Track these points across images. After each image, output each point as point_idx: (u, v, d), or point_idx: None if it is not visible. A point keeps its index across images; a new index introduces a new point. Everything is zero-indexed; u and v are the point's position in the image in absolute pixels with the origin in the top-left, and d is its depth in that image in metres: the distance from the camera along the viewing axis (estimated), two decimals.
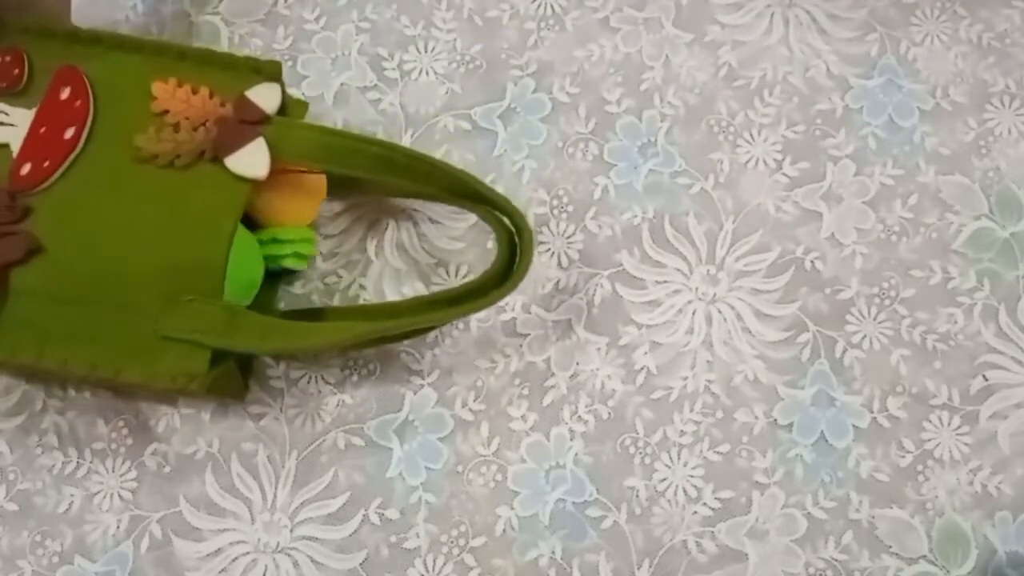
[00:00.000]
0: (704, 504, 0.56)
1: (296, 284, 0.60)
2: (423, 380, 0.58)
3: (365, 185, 0.60)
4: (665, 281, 0.60)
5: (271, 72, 0.55)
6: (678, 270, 0.60)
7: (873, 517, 0.56)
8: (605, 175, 0.63)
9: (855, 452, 0.57)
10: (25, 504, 0.56)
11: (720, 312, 0.59)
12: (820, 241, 0.61)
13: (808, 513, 0.56)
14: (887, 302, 0.60)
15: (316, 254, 0.61)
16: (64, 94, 0.53)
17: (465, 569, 0.55)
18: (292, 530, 0.56)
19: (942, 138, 0.63)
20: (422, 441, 0.57)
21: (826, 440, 0.57)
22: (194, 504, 0.56)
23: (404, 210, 0.62)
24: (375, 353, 0.59)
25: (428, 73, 0.65)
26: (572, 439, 0.57)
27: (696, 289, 0.60)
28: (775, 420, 0.57)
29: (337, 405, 0.58)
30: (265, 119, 0.53)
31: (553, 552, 0.55)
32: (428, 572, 0.55)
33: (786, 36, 0.66)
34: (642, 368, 0.58)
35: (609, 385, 0.58)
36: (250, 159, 0.52)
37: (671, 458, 0.57)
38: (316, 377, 0.58)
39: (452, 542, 0.55)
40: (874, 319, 0.59)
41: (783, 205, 0.62)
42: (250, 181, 0.52)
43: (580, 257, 0.61)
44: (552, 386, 0.58)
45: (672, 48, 0.66)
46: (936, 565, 0.55)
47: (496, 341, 0.59)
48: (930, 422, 0.57)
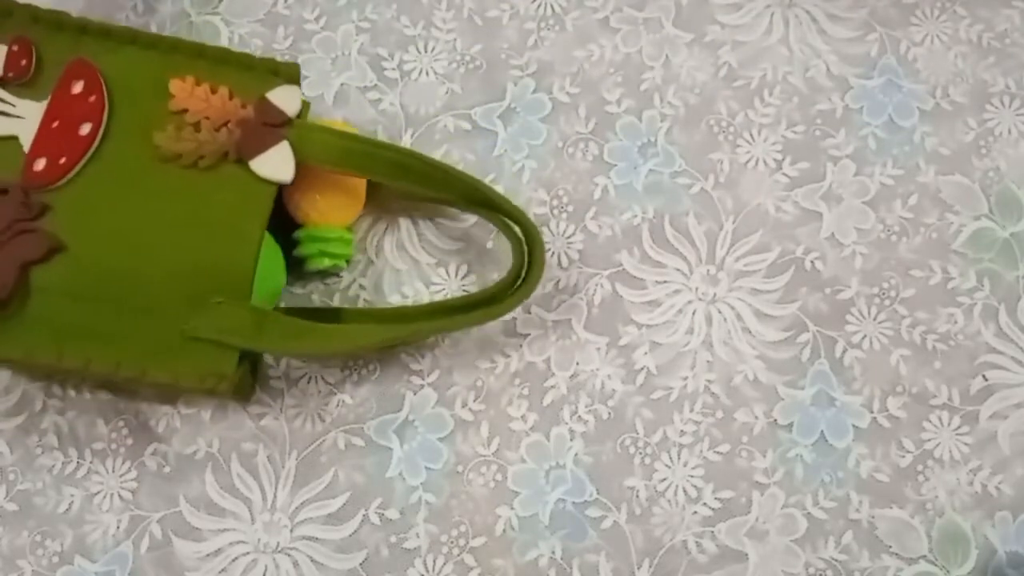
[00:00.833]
0: (704, 504, 0.56)
1: (296, 284, 0.60)
2: (423, 380, 0.58)
3: (377, 186, 0.60)
4: (665, 281, 0.60)
5: (289, 74, 0.55)
6: (678, 270, 0.60)
7: (873, 517, 0.56)
8: (605, 175, 0.63)
9: (855, 452, 0.57)
10: (25, 504, 0.56)
11: (720, 312, 0.59)
12: (820, 241, 0.61)
13: (808, 513, 0.56)
14: (887, 302, 0.60)
15: (351, 255, 0.60)
16: (77, 88, 0.52)
17: (465, 569, 0.55)
18: (292, 530, 0.56)
19: (942, 138, 0.63)
20: (422, 441, 0.57)
21: (826, 440, 0.57)
22: (194, 504, 0.56)
23: (404, 210, 0.62)
24: (375, 353, 0.59)
25: (428, 73, 0.65)
26: (572, 439, 0.57)
27: (696, 289, 0.60)
28: (775, 420, 0.57)
29: (337, 405, 0.58)
30: (288, 122, 0.53)
31: (553, 552, 0.55)
32: (428, 572, 0.55)
33: (786, 36, 0.66)
34: (642, 368, 0.58)
35: (609, 385, 0.58)
36: (275, 162, 0.53)
37: (671, 458, 0.57)
38: (316, 377, 0.58)
39: (452, 542, 0.55)
40: (874, 319, 0.59)
41: (783, 205, 0.62)
42: (275, 184, 0.52)
43: (580, 257, 0.61)
44: (552, 386, 0.58)
45: (672, 48, 0.66)
46: (936, 565, 0.55)
47: (496, 341, 0.59)
48: (930, 422, 0.57)
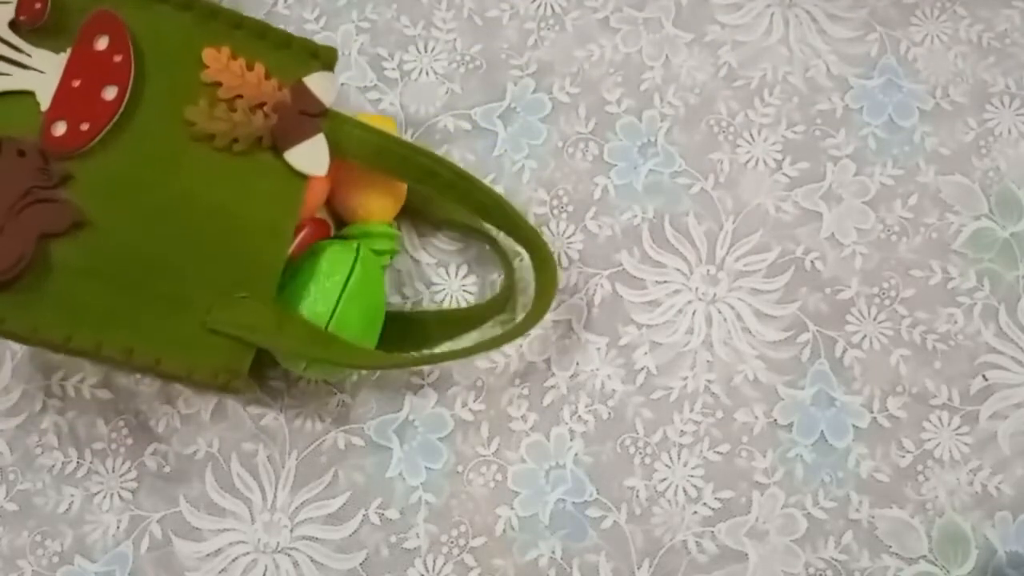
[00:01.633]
0: (704, 504, 0.56)
1: None
2: (423, 380, 0.58)
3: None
4: (665, 281, 0.60)
5: (328, 58, 0.53)
6: (678, 270, 0.60)
7: (873, 517, 0.56)
8: (605, 175, 0.63)
9: (855, 452, 0.57)
10: (25, 504, 0.56)
11: (720, 312, 0.59)
12: (820, 241, 0.61)
13: (808, 513, 0.56)
14: (887, 302, 0.60)
15: (396, 250, 0.59)
16: (100, 44, 0.48)
17: (465, 569, 0.55)
18: (292, 530, 0.56)
19: (942, 138, 0.63)
20: (422, 441, 0.57)
21: (826, 440, 0.57)
22: (194, 504, 0.56)
23: (404, 211, 0.61)
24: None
25: (428, 73, 0.65)
26: (572, 439, 0.57)
27: (696, 289, 0.60)
28: (775, 420, 0.57)
29: (337, 405, 0.58)
30: (324, 112, 0.52)
31: (553, 552, 0.55)
32: (428, 572, 0.55)
33: (786, 36, 0.66)
34: (642, 368, 0.58)
35: (609, 385, 0.58)
36: (311, 155, 0.51)
37: (671, 458, 0.57)
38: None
39: (452, 542, 0.55)
40: (874, 319, 0.59)
41: (783, 205, 0.62)
42: (307, 177, 0.51)
43: (580, 257, 0.61)
44: (552, 386, 0.58)
45: (672, 48, 0.66)
46: (936, 565, 0.55)
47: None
48: (930, 422, 0.57)
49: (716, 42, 0.66)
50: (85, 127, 0.47)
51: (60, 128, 0.47)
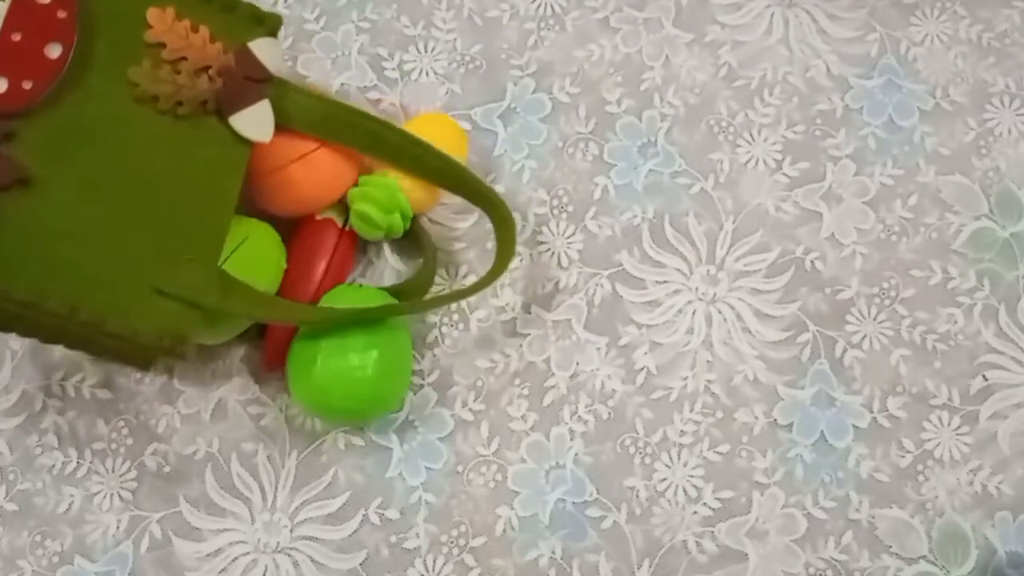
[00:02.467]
0: (704, 504, 0.56)
1: None
2: (423, 380, 0.58)
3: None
4: (665, 281, 0.60)
5: (272, 24, 0.53)
6: (678, 270, 0.60)
7: (873, 517, 0.56)
8: (605, 175, 0.63)
9: (855, 452, 0.57)
10: (25, 504, 0.56)
11: (720, 312, 0.59)
12: (820, 241, 0.61)
13: (808, 513, 0.56)
14: (887, 302, 0.60)
15: (383, 230, 0.58)
16: None
17: (465, 569, 0.55)
18: (292, 530, 0.56)
19: (942, 138, 0.63)
20: (422, 441, 0.57)
21: (826, 440, 0.57)
22: (194, 504, 0.56)
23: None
24: None
25: (428, 73, 0.65)
26: (572, 439, 0.57)
27: (696, 289, 0.60)
28: (775, 420, 0.57)
29: None
30: (269, 78, 0.51)
31: (553, 552, 0.55)
32: (428, 572, 0.55)
33: (786, 36, 0.66)
34: (642, 368, 0.58)
35: (609, 385, 0.58)
36: (256, 121, 0.51)
37: (671, 458, 0.57)
38: None
39: (452, 542, 0.55)
40: (874, 319, 0.59)
41: (783, 205, 0.62)
42: (251, 144, 0.51)
43: (580, 257, 0.61)
44: (552, 386, 0.58)
45: (672, 48, 0.66)
46: (936, 565, 0.55)
47: (496, 341, 0.59)
48: (930, 422, 0.57)
49: (716, 42, 0.66)
50: (28, 85, 0.46)
51: (1, 85, 0.46)
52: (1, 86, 0.46)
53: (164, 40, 0.50)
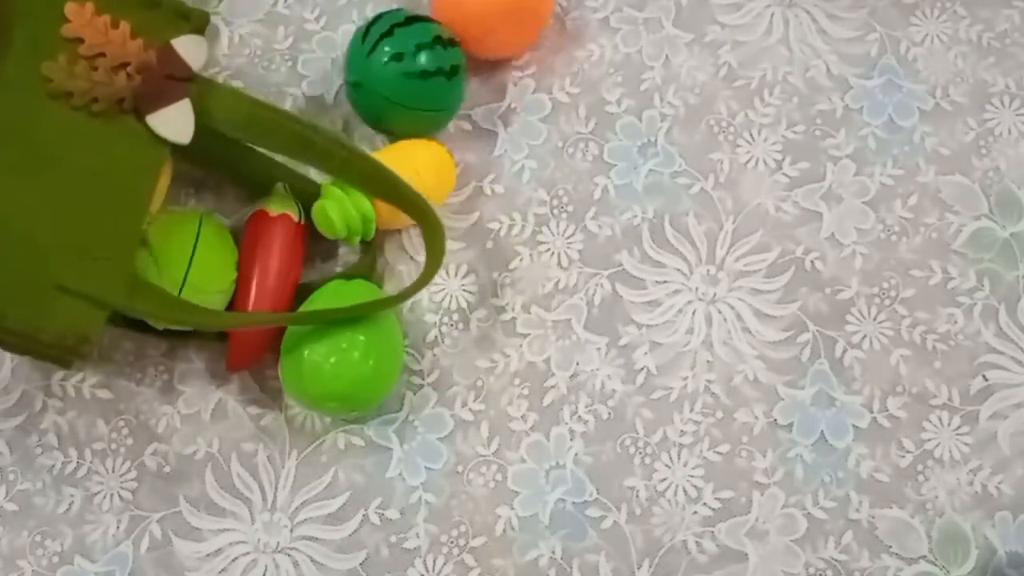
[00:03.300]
0: (704, 504, 0.56)
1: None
2: (423, 380, 0.58)
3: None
4: (665, 281, 0.60)
5: (199, 22, 0.52)
6: (678, 270, 0.60)
7: (873, 517, 0.56)
8: (605, 175, 0.63)
9: (855, 452, 0.57)
10: (25, 504, 0.56)
11: (720, 312, 0.59)
12: (820, 241, 0.61)
13: (808, 513, 0.56)
14: (887, 302, 0.60)
15: (341, 234, 0.57)
16: None
17: (465, 569, 0.55)
18: (292, 530, 0.56)
19: (942, 138, 0.63)
20: (422, 441, 0.57)
21: (826, 440, 0.57)
22: (194, 504, 0.56)
23: None
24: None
25: None
26: (572, 439, 0.57)
27: (696, 289, 0.60)
28: (775, 420, 0.57)
29: None
30: (191, 77, 0.50)
31: (553, 552, 0.55)
32: (428, 572, 0.55)
33: (786, 36, 0.66)
34: (642, 368, 0.58)
35: (609, 385, 0.58)
36: (175, 121, 0.49)
37: (671, 458, 0.57)
38: None
39: (452, 542, 0.55)
40: (874, 319, 0.59)
41: (783, 205, 0.62)
42: (169, 145, 0.50)
43: (580, 257, 0.61)
44: (552, 386, 0.58)
45: (672, 48, 0.66)
46: (936, 565, 0.55)
47: (496, 341, 0.59)
48: (930, 422, 0.57)
49: (716, 42, 0.66)
50: None
51: None
52: None
53: (82, 35, 0.49)
